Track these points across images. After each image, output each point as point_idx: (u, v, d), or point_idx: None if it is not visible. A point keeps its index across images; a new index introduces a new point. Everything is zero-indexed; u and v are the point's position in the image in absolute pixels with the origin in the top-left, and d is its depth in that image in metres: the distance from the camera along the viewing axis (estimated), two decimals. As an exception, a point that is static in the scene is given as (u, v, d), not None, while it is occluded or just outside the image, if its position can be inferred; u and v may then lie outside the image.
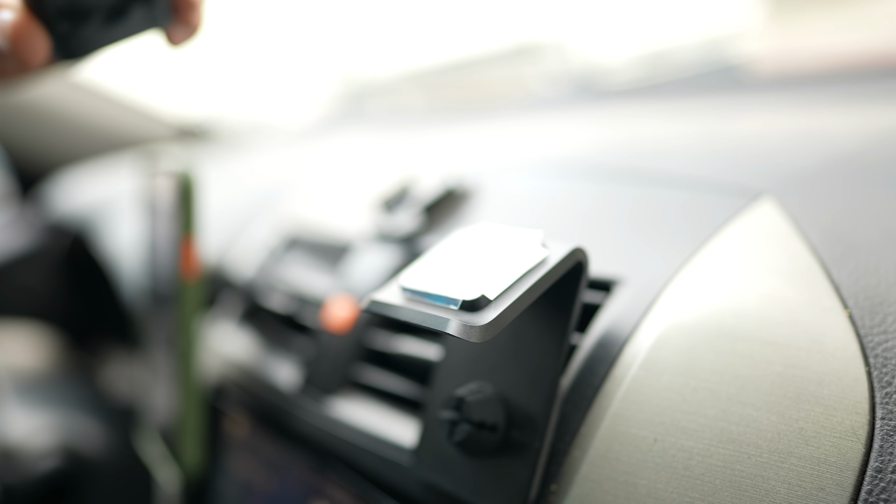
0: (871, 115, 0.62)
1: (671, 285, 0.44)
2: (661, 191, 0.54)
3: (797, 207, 0.47)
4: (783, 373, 0.38)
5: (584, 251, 0.41)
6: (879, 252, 0.42)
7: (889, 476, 0.34)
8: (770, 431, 0.37)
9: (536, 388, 0.42)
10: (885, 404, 0.36)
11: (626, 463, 0.39)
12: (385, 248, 0.63)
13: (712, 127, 0.70)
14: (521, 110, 1.30)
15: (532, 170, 0.66)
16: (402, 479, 0.50)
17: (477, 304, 0.37)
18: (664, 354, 0.41)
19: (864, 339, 0.38)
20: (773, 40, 1.55)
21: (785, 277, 0.42)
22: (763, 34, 1.65)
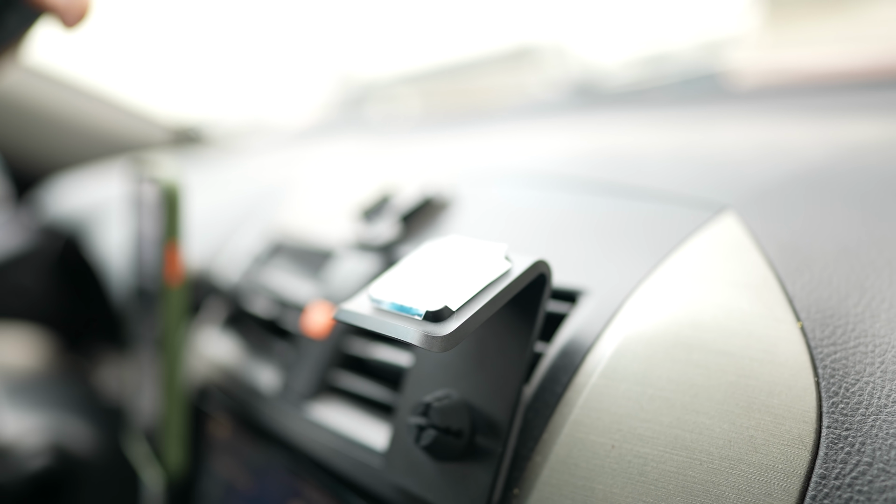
0: (841, 128, 0.63)
1: (633, 296, 0.46)
2: (629, 203, 0.55)
3: (757, 221, 0.48)
4: (736, 382, 0.40)
5: (546, 264, 0.42)
6: (833, 266, 0.43)
7: (832, 482, 0.36)
8: (721, 439, 0.38)
9: (501, 396, 0.43)
10: (831, 414, 0.38)
11: (584, 468, 0.41)
12: (364, 257, 0.65)
13: (688, 137, 0.72)
14: (513, 116, 1.31)
15: (510, 180, 0.68)
16: (373, 482, 0.51)
17: (440, 315, 0.38)
18: (623, 363, 0.43)
19: (814, 351, 0.40)
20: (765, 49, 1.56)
21: (741, 290, 0.44)
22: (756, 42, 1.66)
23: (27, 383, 1.22)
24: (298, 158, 1.17)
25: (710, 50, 1.71)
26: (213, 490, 0.74)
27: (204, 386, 0.79)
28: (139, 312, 0.78)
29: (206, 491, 0.75)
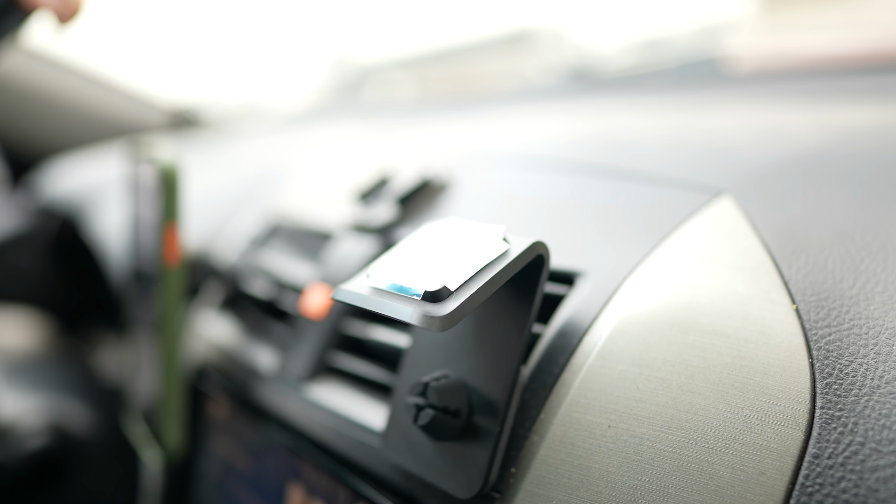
0: (837, 113, 0.63)
1: (630, 279, 0.46)
2: (627, 186, 0.55)
3: (754, 205, 0.48)
4: (731, 363, 0.40)
5: (544, 245, 0.42)
6: (828, 249, 0.44)
7: (825, 462, 0.36)
8: (716, 419, 0.39)
9: (498, 376, 0.44)
10: (825, 394, 0.38)
11: (581, 448, 0.41)
12: (361, 239, 0.65)
13: (685, 122, 0.72)
14: (510, 100, 1.31)
15: (507, 162, 0.68)
16: (371, 461, 0.52)
17: (438, 295, 0.38)
18: (620, 345, 0.43)
19: (808, 333, 0.40)
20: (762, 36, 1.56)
21: (737, 272, 0.44)
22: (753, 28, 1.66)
23: (25, 365, 1.23)
24: (296, 141, 1.17)
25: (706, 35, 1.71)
26: (212, 470, 0.74)
27: (202, 367, 0.79)
28: (137, 294, 0.78)
29: (204, 471, 0.76)
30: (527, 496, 0.42)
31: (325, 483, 0.55)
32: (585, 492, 0.40)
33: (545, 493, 0.41)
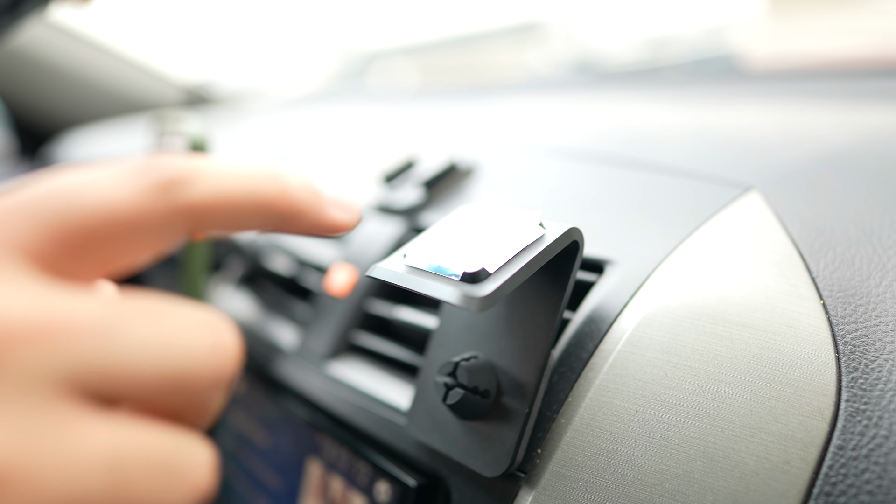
0: (860, 114, 0.64)
1: (660, 269, 0.47)
2: (655, 178, 0.56)
3: (782, 201, 0.49)
4: (759, 354, 0.41)
5: (580, 231, 0.43)
6: (855, 247, 0.45)
7: (849, 453, 0.37)
8: (743, 408, 0.40)
9: (528, 358, 0.44)
10: (850, 388, 0.39)
11: (608, 431, 0.42)
12: (387, 220, 0.66)
13: (708, 116, 0.73)
14: (522, 90, 1.32)
15: (533, 150, 0.69)
16: (394, 438, 0.53)
17: (477, 277, 0.39)
18: (649, 333, 0.44)
19: (835, 327, 0.41)
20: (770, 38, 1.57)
21: (766, 266, 0.45)
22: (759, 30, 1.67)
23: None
24: (312, 118, 1.18)
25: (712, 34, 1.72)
26: (228, 444, 0.75)
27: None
28: (161, 266, 0.79)
29: (222, 444, 0.76)
30: (553, 477, 0.42)
31: (346, 458, 0.56)
32: (611, 474, 0.41)
33: (571, 474, 0.42)
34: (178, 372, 0.24)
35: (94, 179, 0.25)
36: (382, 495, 0.52)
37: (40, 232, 0.24)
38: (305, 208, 0.30)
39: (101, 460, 0.22)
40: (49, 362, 0.22)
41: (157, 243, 0.26)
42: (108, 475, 0.22)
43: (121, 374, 0.23)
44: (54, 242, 0.24)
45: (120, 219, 0.25)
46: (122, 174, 0.26)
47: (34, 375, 0.21)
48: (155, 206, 0.26)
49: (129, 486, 0.22)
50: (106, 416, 0.23)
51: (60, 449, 0.21)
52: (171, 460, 0.24)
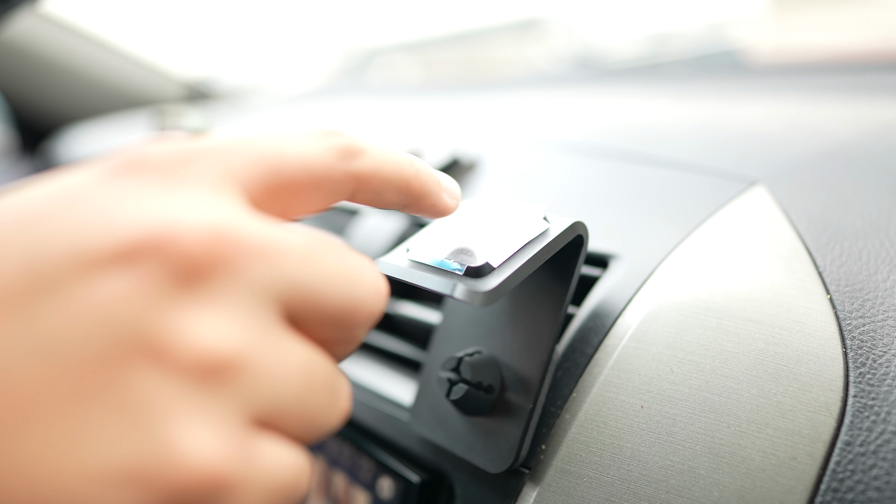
0: (866, 108, 0.64)
1: (665, 263, 0.47)
2: (659, 172, 0.56)
3: (788, 195, 0.49)
4: (765, 350, 0.41)
5: (584, 225, 0.43)
6: (863, 241, 0.44)
7: (857, 449, 0.37)
8: (749, 403, 0.40)
9: (532, 354, 0.44)
10: (858, 383, 0.39)
11: (613, 427, 0.42)
12: (389, 215, 0.65)
13: (712, 111, 0.72)
14: (524, 85, 1.31)
15: (536, 145, 0.68)
16: (397, 434, 0.52)
17: (481, 271, 0.39)
18: (654, 327, 0.44)
19: (842, 322, 0.41)
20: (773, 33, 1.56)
21: (772, 261, 0.44)
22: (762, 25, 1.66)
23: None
24: (314, 113, 1.17)
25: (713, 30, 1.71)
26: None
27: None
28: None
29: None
30: (557, 473, 0.42)
31: (348, 454, 0.56)
32: (616, 470, 0.41)
33: (576, 470, 0.42)
34: (351, 304, 0.27)
35: (293, 137, 0.29)
36: (385, 491, 0.52)
37: (254, 172, 0.27)
38: (429, 192, 0.35)
39: (300, 372, 0.25)
40: (269, 276, 0.25)
41: (329, 199, 0.31)
42: (302, 386, 0.25)
43: (314, 299, 0.26)
44: (262, 183, 0.28)
45: (314, 172, 0.29)
46: (314, 136, 0.30)
47: (257, 286, 0.24)
48: (338, 167, 0.30)
49: (313, 398, 0.26)
50: (299, 337, 0.26)
51: (274, 354, 0.24)
52: (337, 383, 0.27)
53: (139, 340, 0.22)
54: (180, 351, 0.22)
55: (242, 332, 0.24)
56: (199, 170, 0.26)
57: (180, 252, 0.23)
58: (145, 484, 0.21)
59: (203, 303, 0.23)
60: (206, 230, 0.24)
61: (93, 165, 0.26)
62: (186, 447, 0.22)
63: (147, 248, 0.23)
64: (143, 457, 0.21)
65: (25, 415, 0.21)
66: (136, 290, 0.22)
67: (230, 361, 0.23)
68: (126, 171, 0.25)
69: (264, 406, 0.24)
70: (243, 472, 0.23)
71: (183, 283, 0.23)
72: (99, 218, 0.23)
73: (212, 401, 0.23)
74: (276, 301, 0.25)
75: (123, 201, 0.24)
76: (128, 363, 0.22)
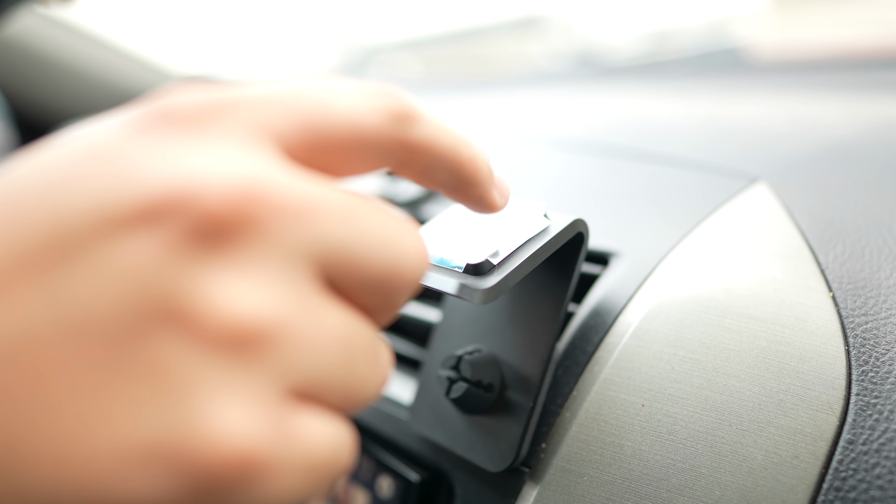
0: (869, 104, 0.64)
1: (666, 261, 0.46)
2: (660, 169, 0.55)
3: (790, 192, 0.48)
4: (767, 347, 0.40)
5: (584, 223, 0.42)
6: (865, 238, 0.44)
7: (860, 448, 0.36)
8: (751, 402, 0.39)
9: (532, 352, 0.44)
10: (860, 381, 0.38)
11: (613, 426, 0.41)
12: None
13: (713, 109, 0.72)
14: (524, 83, 1.31)
15: (536, 142, 0.68)
16: (397, 433, 0.52)
17: (481, 269, 0.38)
18: (655, 325, 0.43)
19: (845, 320, 0.40)
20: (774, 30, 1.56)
21: (774, 258, 0.44)
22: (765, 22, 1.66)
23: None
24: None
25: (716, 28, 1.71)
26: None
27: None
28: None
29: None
30: (557, 471, 0.42)
31: (348, 454, 0.56)
32: (617, 469, 0.40)
33: (576, 468, 0.41)
34: (393, 269, 0.25)
35: (342, 91, 0.27)
36: (385, 490, 0.52)
37: (293, 126, 0.25)
38: (480, 180, 0.32)
39: (340, 340, 0.24)
40: (305, 237, 0.23)
41: (374, 164, 0.28)
42: (342, 354, 0.24)
43: (355, 262, 0.24)
44: (302, 139, 0.25)
45: (360, 134, 0.27)
46: (366, 93, 0.27)
47: (292, 246, 0.23)
48: (387, 131, 0.27)
49: (353, 368, 0.24)
50: (338, 302, 0.25)
51: (312, 321, 0.23)
52: (378, 350, 0.26)
53: (163, 307, 0.21)
54: (210, 319, 0.21)
55: (277, 298, 0.22)
56: (231, 121, 0.24)
57: (204, 208, 0.21)
58: (174, 463, 0.20)
59: (232, 264, 0.22)
60: (233, 185, 0.22)
61: (119, 116, 0.24)
62: (216, 424, 0.21)
63: (169, 205, 0.21)
64: (172, 435, 0.20)
65: (51, 388, 0.20)
66: (158, 252, 0.21)
67: (263, 329, 0.21)
68: (153, 124, 0.24)
69: (303, 377, 0.23)
70: (279, 450, 0.22)
71: (209, 243, 0.21)
72: (121, 175, 0.22)
73: (244, 373, 0.21)
74: (314, 263, 0.23)
75: (148, 156, 0.22)
76: (153, 332, 0.20)
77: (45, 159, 0.23)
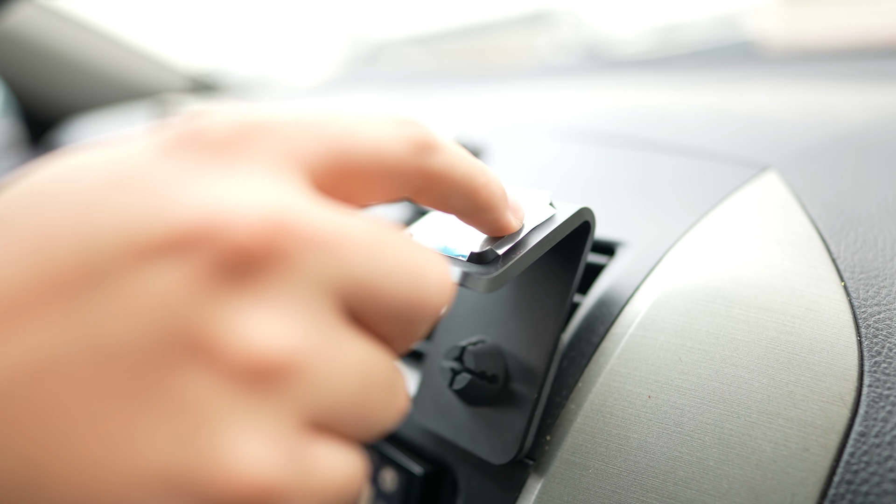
0: (881, 93, 0.63)
1: (673, 250, 0.46)
2: (668, 158, 0.54)
3: (800, 181, 0.47)
4: (777, 338, 0.40)
5: (591, 211, 0.42)
6: (878, 227, 0.43)
7: (872, 440, 0.36)
8: (760, 393, 0.38)
9: (537, 343, 0.43)
10: (873, 372, 0.37)
11: (619, 417, 0.41)
12: (393, 203, 0.64)
13: (722, 99, 0.71)
14: (531, 76, 1.30)
15: (542, 132, 0.67)
16: (401, 426, 0.51)
17: (485, 257, 0.38)
18: (662, 316, 0.42)
19: (857, 310, 0.40)
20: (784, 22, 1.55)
21: (784, 247, 0.43)
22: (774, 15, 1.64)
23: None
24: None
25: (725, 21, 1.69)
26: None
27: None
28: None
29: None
30: (562, 464, 0.41)
31: (351, 446, 0.55)
32: (623, 461, 0.40)
33: (581, 461, 0.41)
34: (416, 299, 0.26)
35: (367, 120, 0.27)
36: (388, 483, 0.51)
37: (320, 153, 0.25)
38: (495, 205, 0.33)
39: (359, 373, 0.24)
40: (330, 269, 0.23)
41: (395, 192, 0.29)
42: (360, 386, 0.24)
43: (378, 293, 0.24)
44: (329, 166, 0.26)
45: (384, 162, 0.27)
46: (390, 122, 0.28)
47: (317, 280, 0.23)
48: (410, 159, 0.28)
49: (370, 399, 0.25)
50: (359, 334, 0.25)
51: (333, 354, 0.23)
52: (395, 380, 0.26)
53: (188, 340, 0.21)
54: (231, 353, 0.21)
55: (299, 331, 0.22)
56: (260, 148, 0.24)
57: (232, 241, 0.21)
58: (191, 491, 0.21)
59: (257, 298, 0.22)
60: (262, 217, 0.22)
61: (148, 137, 0.25)
62: (234, 455, 0.21)
63: (198, 236, 0.21)
64: (190, 464, 0.21)
65: (75, 412, 0.20)
66: (184, 284, 0.21)
67: (285, 363, 0.22)
68: (181, 148, 0.24)
69: (321, 409, 0.23)
70: (295, 479, 0.22)
71: (235, 276, 0.22)
72: (150, 203, 0.22)
73: (264, 406, 0.22)
74: (337, 295, 0.24)
75: (177, 184, 0.22)
76: (177, 364, 0.21)
77: (71, 177, 0.23)
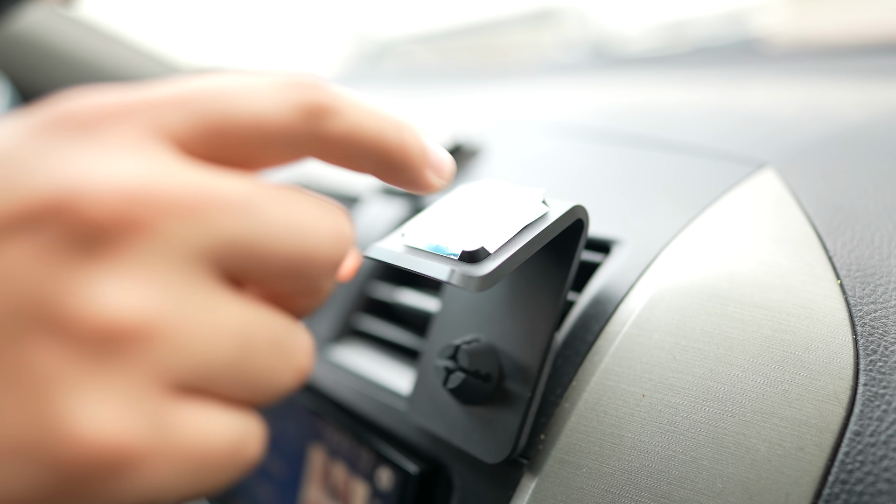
0: (880, 90, 0.62)
1: (669, 248, 0.45)
2: (665, 156, 0.54)
3: (797, 178, 0.47)
4: (772, 336, 0.39)
5: (584, 209, 0.41)
6: (875, 224, 0.43)
7: (867, 439, 0.35)
8: (755, 392, 0.38)
9: (531, 342, 0.43)
10: (868, 371, 0.37)
11: (613, 416, 0.40)
12: (390, 202, 0.64)
13: (722, 95, 0.70)
14: (534, 74, 1.30)
15: (539, 130, 0.67)
16: (396, 424, 0.51)
17: (476, 256, 0.38)
18: (657, 314, 0.42)
19: (853, 308, 0.39)
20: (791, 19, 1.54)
21: (780, 245, 0.43)
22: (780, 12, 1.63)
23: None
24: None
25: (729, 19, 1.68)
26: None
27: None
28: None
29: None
30: (556, 463, 0.41)
31: (348, 445, 0.55)
32: (617, 460, 0.39)
33: (575, 460, 0.40)
34: (304, 254, 0.26)
35: (251, 86, 0.27)
36: (384, 482, 0.51)
37: (190, 124, 0.25)
38: (409, 165, 0.31)
39: (233, 335, 0.24)
40: (196, 234, 0.23)
41: (288, 157, 0.28)
42: (236, 349, 0.24)
43: (256, 253, 0.25)
44: (200, 136, 0.25)
45: (265, 130, 0.26)
46: (277, 87, 0.27)
47: (181, 246, 0.23)
48: (298, 126, 0.27)
49: (251, 361, 0.25)
50: (236, 295, 0.25)
51: (200, 319, 0.23)
52: (286, 342, 0.26)
53: (36, 310, 0.21)
54: (79, 320, 0.21)
55: (155, 296, 0.22)
56: (126, 123, 0.24)
57: (85, 213, 0.22)
58: (37, 459, 0.21)
59: (110, 267, 0.22)
60: (118, 188, 0.22)
61: (20, 119, 0.25)
62: (82, 420, 0.21)
63: (52, 209, 0.22)
64: (39, 432, 0.21)
65: None
66: (36, 255, 0.22)
67: (137, 328, 0.22)
68: (49, 127, 0.24)
69: (188, 372, 0.23)
70: (155, 441, 0.22)
71: (89, 247, 0.22)
72: (7, 177, 0.22)
73: (116, 370, 0.22)
74: (207, 259, 0.24)
75: (37, 159, 0.23)
76: (24, 335, 0.21)
77: None
